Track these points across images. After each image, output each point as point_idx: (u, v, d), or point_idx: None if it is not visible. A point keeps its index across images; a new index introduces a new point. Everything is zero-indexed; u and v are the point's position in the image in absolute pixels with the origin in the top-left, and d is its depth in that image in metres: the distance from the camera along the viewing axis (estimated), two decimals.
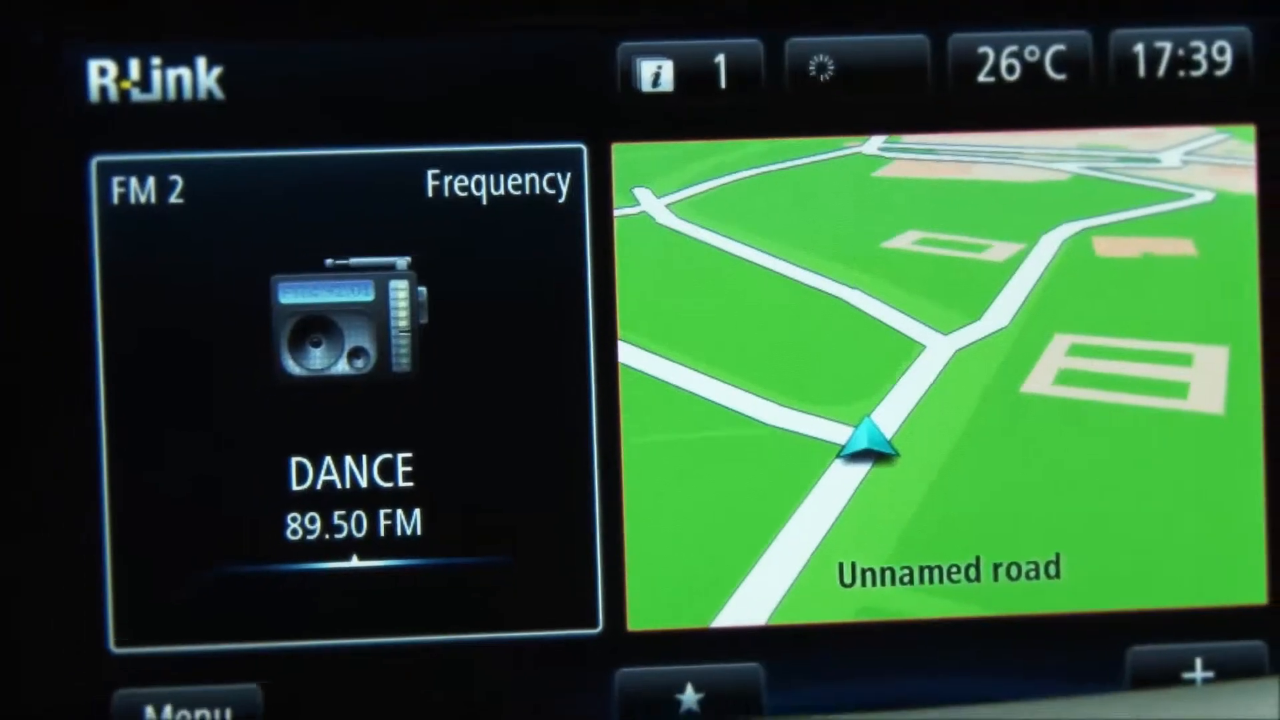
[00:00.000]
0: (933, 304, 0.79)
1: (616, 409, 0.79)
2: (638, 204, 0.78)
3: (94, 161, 0.77)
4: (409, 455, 0.78)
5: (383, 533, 0.78)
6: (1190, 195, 0.80)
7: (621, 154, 0.78)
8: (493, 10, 0.79)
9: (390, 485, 0.78)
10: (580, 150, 0.78)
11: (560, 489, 0.79)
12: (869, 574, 0.79)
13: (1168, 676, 0.80)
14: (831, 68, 0.79)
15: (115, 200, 0.77)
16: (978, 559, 0.79)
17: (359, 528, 0.78)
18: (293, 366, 0.77)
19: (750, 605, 0.79)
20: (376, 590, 0.78)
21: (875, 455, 0.79)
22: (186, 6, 0.78)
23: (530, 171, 0.78)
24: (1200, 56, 0.80)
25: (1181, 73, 0.80)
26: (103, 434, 0.77)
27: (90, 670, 0.77)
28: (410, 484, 0.78)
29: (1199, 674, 0.79)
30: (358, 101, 0.79)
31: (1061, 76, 0.80)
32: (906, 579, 0.79)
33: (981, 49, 0.79)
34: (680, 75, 0.78)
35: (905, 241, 0.79)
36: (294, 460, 0.77)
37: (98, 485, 0.77)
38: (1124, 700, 0.77)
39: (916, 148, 0.80)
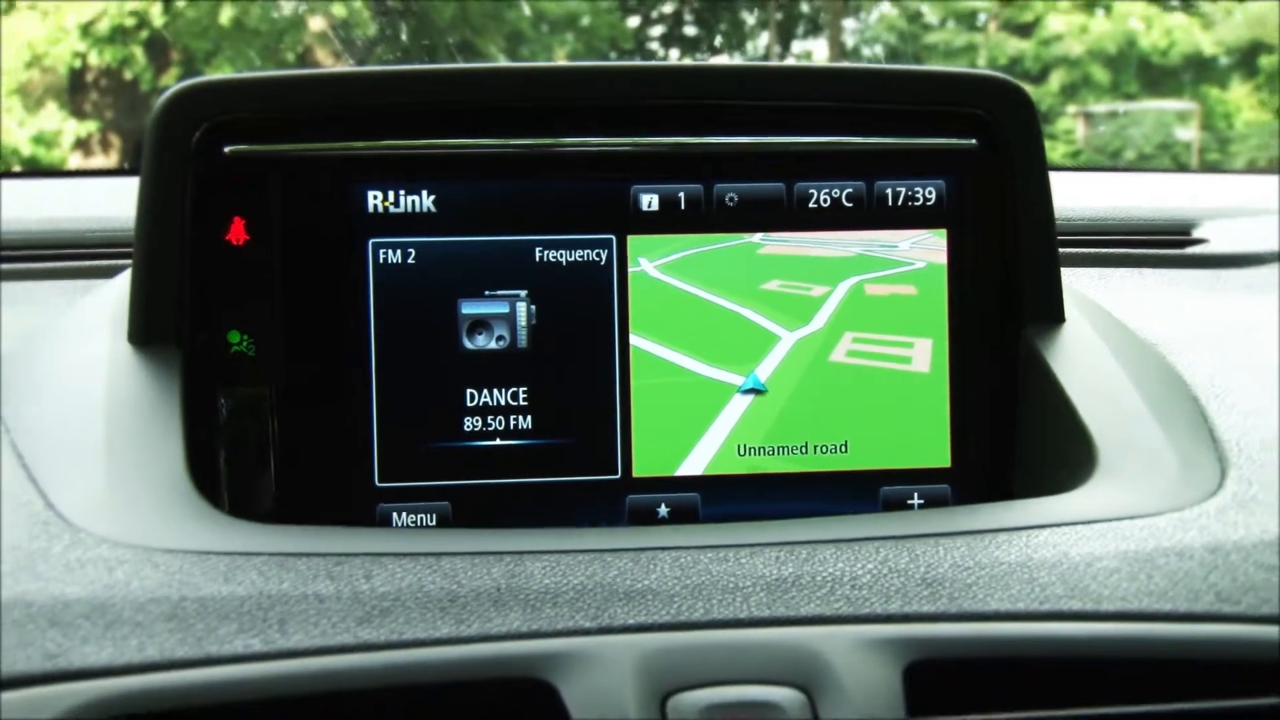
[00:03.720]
0: (785, 316, 0.83)
1: (629, 367, 0.82)
2: (640, 266, 0.82)
3: (370, 242, 0.80)
4: (525, 389, 0.81)
5: (511, 427, 0.81)
6: (914, 264, 0.84)
7: (632, 241, 0.82)
8: (566, 166, 0.82)
9: (515, 403, 0.81)
10: (611, 239, 0.82)
11: (600, 406, 0.82)
12: (753, 450, 0.83)
13: (900, 504, 0.83)
14: (736, 199, 0.83)
15: (380, 261, 0.80)
16: (806, 443, 0.83)
17: (499, 424, 0.81)
18: (467, 344, 0.81)
19: (694, 464, 0.82)
20: (507, 457, 0.81)
21: (757, 391, 0.82)
22: (416, 170, 0.81)
23: (587, 249, 0.81)
24: (919, 194, 0.84)
25: (910, 203, 0.84)
26: (373, 376, 0.80)
27: (365, 494, 0.80)
28: (525, 403, 0.81)
29: (916, 502, 0.83)
30: (499, 212, 0.81)
31: (850, 205, 0.83)
32: (771, 452, 0.83)
33: (811, 190, 0.83)
34: (661, 202, 0.82)
35: (773, 285, 0.83)
36: (467, 390, 0.81)
37: (370, 403, 0.80)
38: (877, 519, 0.81)
39: (779, 239, 0.83)
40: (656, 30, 10.20)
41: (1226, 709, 0.64)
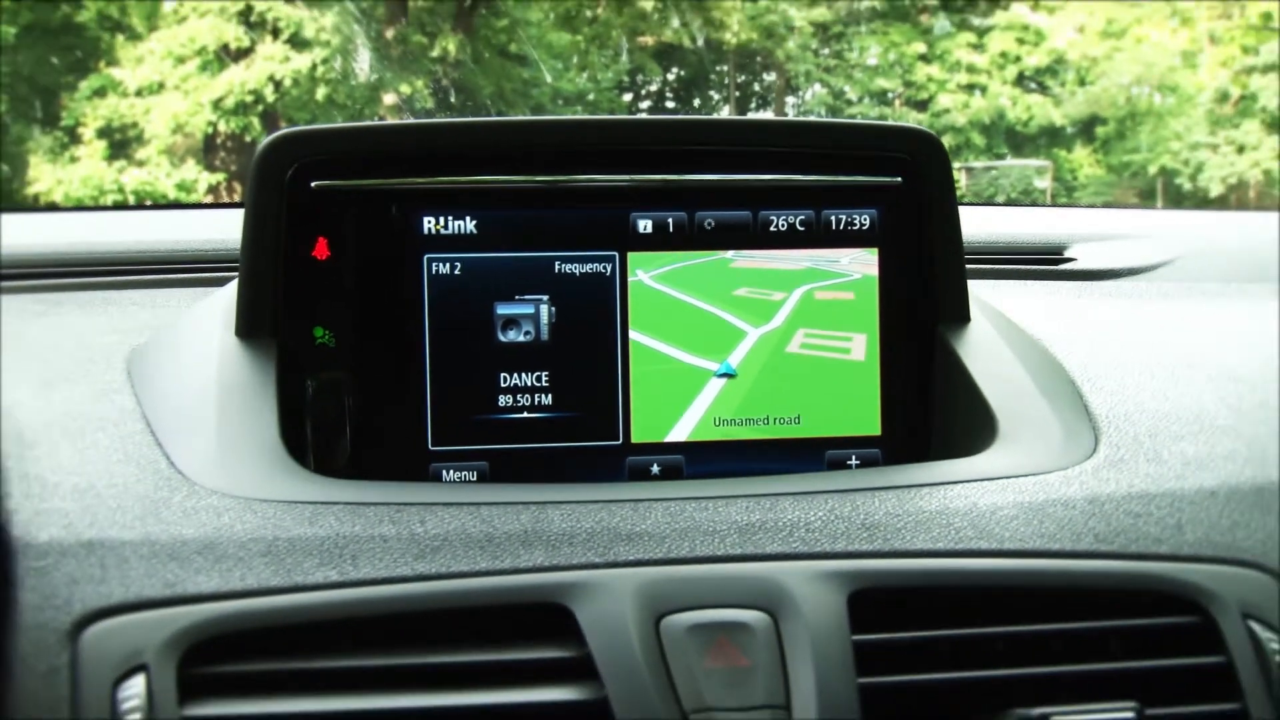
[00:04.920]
0: (751, 316, 0.80)
1: (628, 356, 0.79)
2: (637, 276, 0.79)
3: (425, 257, 0.77)
4: (547, 373, 0.78)
5: (536, 403, 0.78)
6: (852, 275, 0.81)
7: (632, 257, 0.79)
8: (579, 198, 0.79)
9: (539, 384, 0.78)
10: (615, 255, 0.79)
11: (606, 386, 0.79)
12: (726, 421, 0.79)
13: (841, 464, 0.80)
14: (713, 223, 0.80)
15: (434, 272, 0.77)
16: (768, 416, 0.80)
17: (527, 401, 0.78)
18: (501, 337, 0.78)
19: (680, 432, 0.79)
20: (533, 426, 0.78)
21: (729, 375, 0.80)
22: (461, 201, 0.78)
23: (595, 263, 0.78)
24: (856, 221, 0.81)
25: (849, 227, 0.81)
26: (428, 363, 0.77)
27: (421, 455, 0.77)
28: (547, 384, 0.78)
29: (854, 463, 0.80)
30: (526, 234, 0.78)
31: (803, 228, 0.81)
32: (740, 423, 0.79)
33: (771, 217, 0.80)
34: (654, 226, 0.79)
35: (743, 292, 0.80)
36: (501, 374, 0.78)
37: (425, 384, 0.77)
38: (824, 476, 0.78)
39: (747, 255, 0.80)
40: (645, 104, 10.30)
41: (1103, 628, 0.64)
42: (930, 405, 0.82)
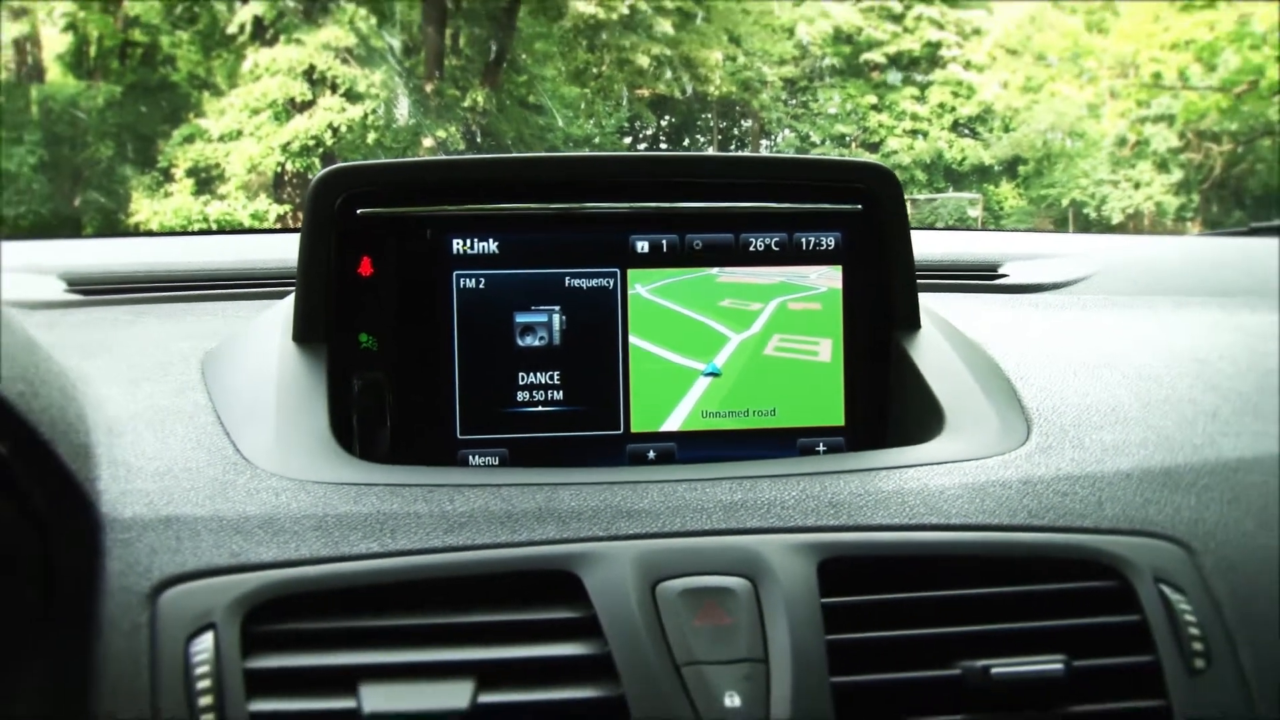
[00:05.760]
0: (733, 323, 0.78)
1: (628, 357, 0.77)
2: (636, 289, 0.77)
3: (454, 273, 0.75)
4: (559, 373, 0.76)
5: (549, 398, 0.76)
6: (819, 289, 0.78)
7: (631, 273, 0.77)
8: (586, 222, 0.77)
9: (552, 383, 0.76)
10: (617, 271, 0.77)
11: (610, 384, 0.77)
12: (712, 413, 0.77)
13: (811, 451, 0.78)
14: (700, 244, 0.78)
15: (461, 286, 0.75)
16: (748, 409, 0.77)
17: (541, 396, 0.76)
18: (519, 342, 0.76)
19: (672, 423, 0.77)
20: (547, 418, 0.76)
21: (714, 374, 0.77)
22: (485, 225, 0.76)
23: (600, 278, 0.76)
24: (823, 242, 0.79)
25: (817, 247, 0.79)
26: (456, 364, 0.75)
27: (450, 443, 0.75)
28: (558, 382, 0.76)
29: (822, 449, 0.78)
30: (541, 253, 0.76)
31: (778, 248, 0.78)
32: (725, 415, 0.77)
33: (751, 238, 0.78)
34: (650, 246, 0.77)
35: (726, 303, 0.78)
36: (519, 373, 0.76)
37: (454, 382, 0.75)
38: (796, 460, 0.75)
39: (730, 271, 0.78)
40: (642, 146, 10.42)
41: (1036, 592, 0.62)
42: (887, 400, 0.80)
